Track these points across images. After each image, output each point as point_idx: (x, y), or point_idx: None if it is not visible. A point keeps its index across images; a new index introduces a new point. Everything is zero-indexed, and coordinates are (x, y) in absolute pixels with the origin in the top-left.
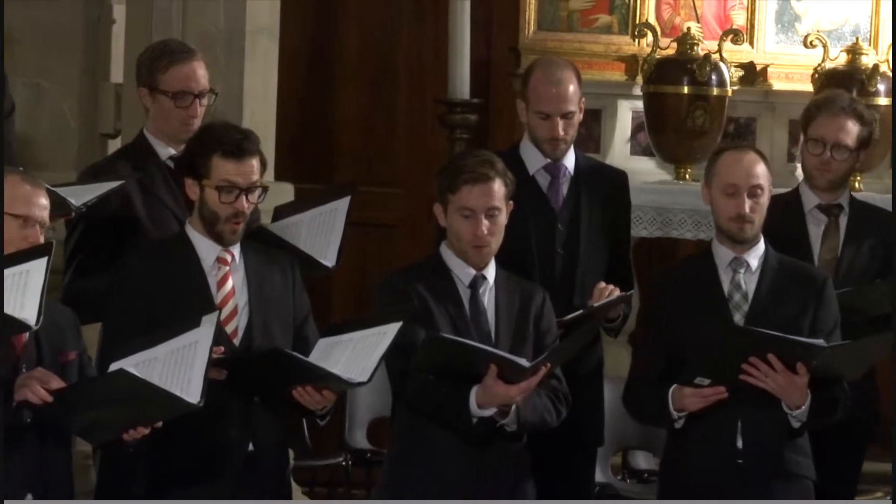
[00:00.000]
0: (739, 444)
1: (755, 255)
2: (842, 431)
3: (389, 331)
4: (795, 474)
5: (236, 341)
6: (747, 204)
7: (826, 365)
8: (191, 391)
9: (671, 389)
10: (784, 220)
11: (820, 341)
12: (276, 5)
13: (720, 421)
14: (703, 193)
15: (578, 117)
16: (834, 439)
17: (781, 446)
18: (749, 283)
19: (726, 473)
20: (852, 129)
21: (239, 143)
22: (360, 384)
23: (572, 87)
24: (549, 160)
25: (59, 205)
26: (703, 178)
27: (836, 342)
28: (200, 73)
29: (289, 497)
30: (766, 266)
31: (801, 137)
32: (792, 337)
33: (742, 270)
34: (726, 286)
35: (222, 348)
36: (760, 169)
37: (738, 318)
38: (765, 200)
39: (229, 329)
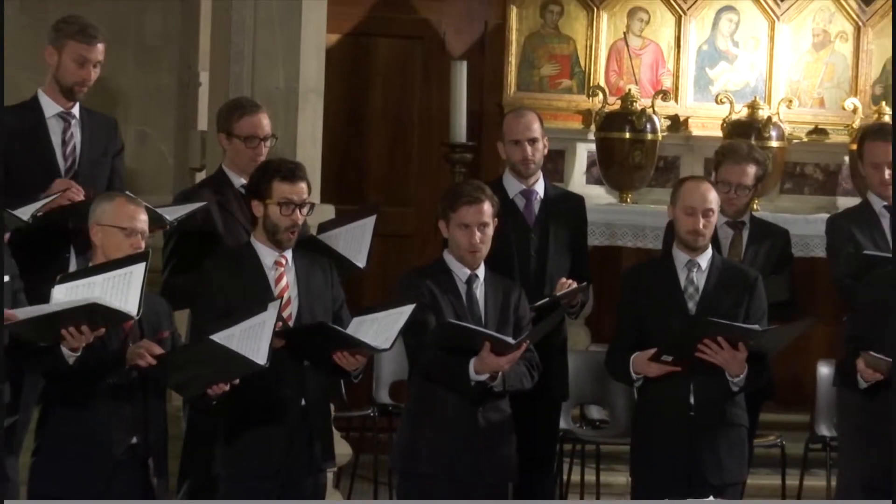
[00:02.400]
0: (692, 400)
1: (705, 259)
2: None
3: (406, 310)
4: (733, 423)
5: (290, 323)
6: (701, 222)
7: (758, 344)
8: (259, 356)
9: (632, 357)
10: None
11: (755, 326)
12: (322, 71)
13: (678, 384)
14: (669, 211)
15: (542, 145)
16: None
17: (724, 403)
18: (699, 280)
19: (681, 422)
20: (751, 171)
21: (292, 170)
22: (385, 350)
23: (535, 123)
24: (524, 187)
25: (155, 220)
26: (669, 199)
27: (766, 327)
28: (265, 122)
29: (331, 439)
30: (712, 267)
31: (713, 176)
32: (735, 323)
33: (695, 270)
34: (682, 282)
35: (280, 323)
36: (712, 196)
37: (691, 307)
38: (714, 219)
39: (285, 314)
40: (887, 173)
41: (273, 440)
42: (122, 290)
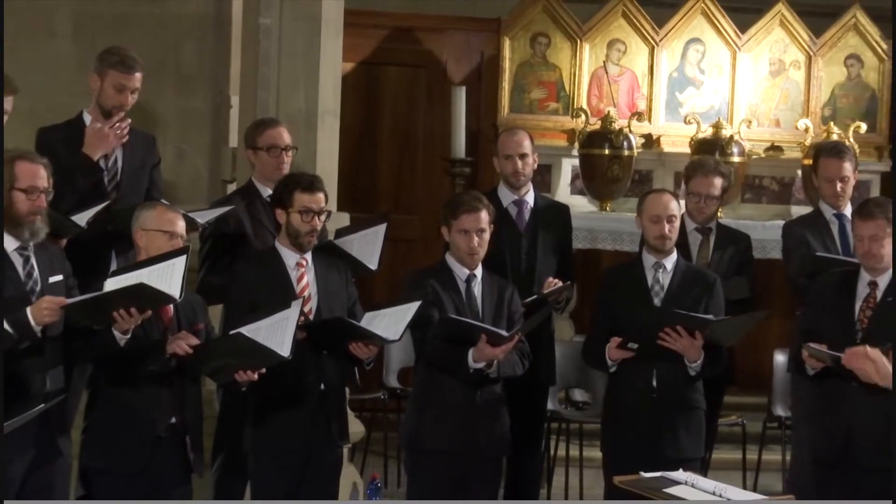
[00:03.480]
0: (654, 384)
1: (670, 261)
2: (712, 377)
3: (413, 306)
4: (692, 406)
5: (310, 317)
6: (666, 227)
7: (713, 333)
8: (283, 349)
9: (607, 347)
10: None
11: (710, 316)
12: (338, 95)
13: (642, 370)
14: (636, 221)
15: (532, 161)
16: (707, 382)
17: (683, 387)
18: (665, 280)
19: (645, 403)
20: (717, 183)
21: (311, 182)
22: (394, 341)
23: (526, 141)
24: (516, 197)
25: (190, 223)
26: (637, 209)
27: (720, 318)
28: (284, 133)
29: (346, 419)
30: (676, 269)
31: (683, 187)
32: (692, 314)
33: (661, 271)
34: (650, 281)
35: (302, 318)
36: (674, 204)
37: (657, 302)
38: (677, 225)
39: (305, 309)
40: (839, 186)
41: (295, 420)
42: (166, 278)
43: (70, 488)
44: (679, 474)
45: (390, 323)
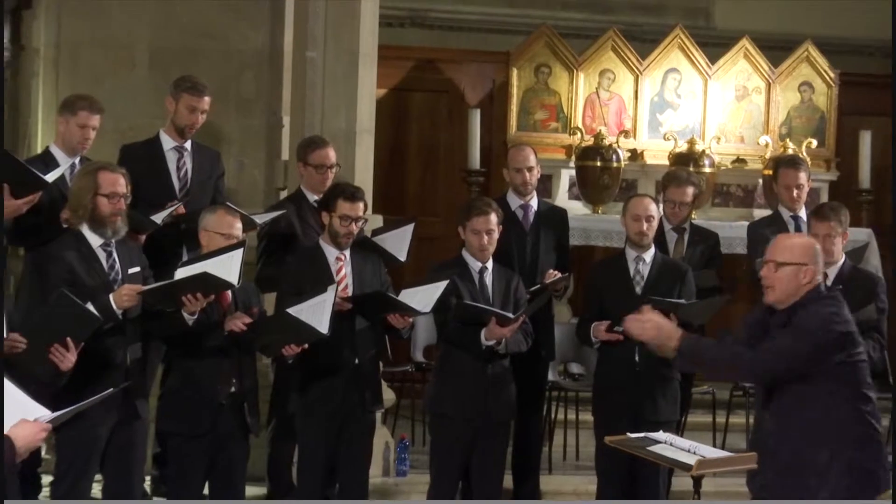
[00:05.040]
0: (637, 359)
1: (649, 255)
2: None
3: (441, 284)
4: (668, 377)
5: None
6: (645, 226)
7: (685, 314)
8: (322, 327)
9: (592, 326)
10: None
11: (682, 301)
12: (373, 116)
13: (627, 348)
14: (621, 220)
15: (537, 171)
16: None
17: (661, 362)
18: (644, 271)
19: (629, 376)
20: (689, 191)
21: (353, 193)
22: (426, 313)
23: (531, 155)
24: (522, 202)
25: (248, 223)
26: (622, 211)
27: (690, 302)
28: (331, 153)
29: (380, 388)
30: (654, 262)
31: (662, 195)
32: (667, 299)
33: (641, 263)
34: (632, 272)
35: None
36: (653, 207)
37: (638, 290)
38: (655, 224)
39: (343, 296)
40: (795, 192)
41: (333, 389)
42: (226, 268)
43: (148, 446)
44: (659, 435)
45: (422, 298)
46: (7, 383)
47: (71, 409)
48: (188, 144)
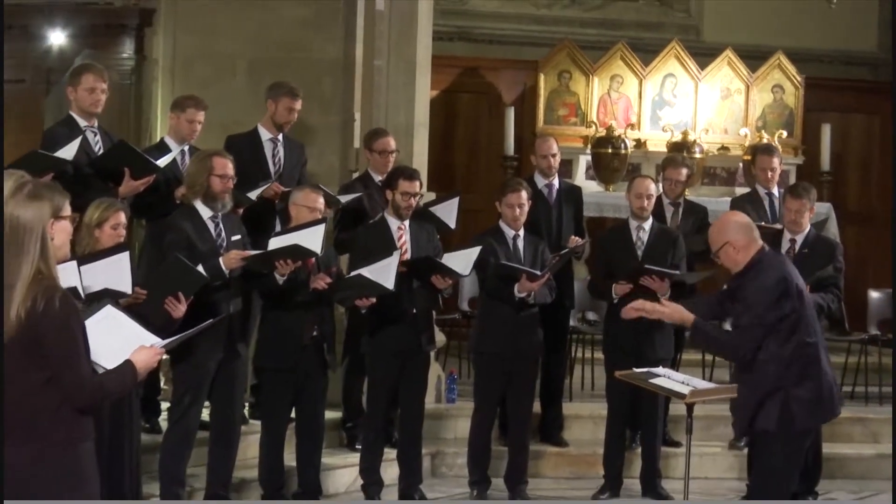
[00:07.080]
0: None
1: (648, 224)
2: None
3: (476, 249)
4: (664, 323)
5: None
6: (645, 202)
7: (679, 282)
8: (388, 283)
9: (613, 285)
10: (655, 208)
11: (677, 272)
12: (427, 113)
13: (631, 300)
14: (626, 196)
15: (559, 157)
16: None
17: None
18: (644, 238)
19: (632, 322)
20: (684, 172)
21: (412, 174)
22: (464, 276)
23: (554, 144)
24: (546, 182)
25: (333, 202)
26: (626, 189)
27: (683, 272)
28: (391, 141)
29: (433, 331)
30: (652, 230)
31: (661, 176)
32: (663, 269)
33: (641, 231)
34: (634, 238)
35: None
36: (652, 186)
37: (639, 254)
38: (653, 200)
39: (404, 259)
40: (769, 174)
41: (396, 333)
42: (310, 239)
43: (247, 379)
44: (659, 370)
45: (461, 260)
46: (127, 318)
47: (179, 337)
48: (280, 136)
